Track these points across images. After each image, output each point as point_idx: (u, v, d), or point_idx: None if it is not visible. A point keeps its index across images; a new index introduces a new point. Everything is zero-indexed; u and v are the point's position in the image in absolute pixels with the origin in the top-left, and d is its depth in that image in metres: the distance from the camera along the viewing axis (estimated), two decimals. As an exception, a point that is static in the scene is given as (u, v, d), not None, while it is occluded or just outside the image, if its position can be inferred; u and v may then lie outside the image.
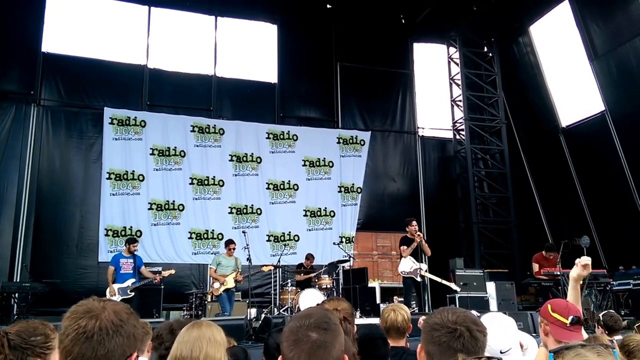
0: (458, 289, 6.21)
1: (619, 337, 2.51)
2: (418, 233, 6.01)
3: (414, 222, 6.07)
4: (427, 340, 1.12)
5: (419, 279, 5.89)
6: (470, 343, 1.07)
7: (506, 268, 8.84)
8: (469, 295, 7.38)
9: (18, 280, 7.08)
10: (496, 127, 10.12)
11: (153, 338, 1.75)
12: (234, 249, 6.48)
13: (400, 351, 2.13)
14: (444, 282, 6.10)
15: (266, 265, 6.78)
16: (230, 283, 6.32)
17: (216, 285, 6.37)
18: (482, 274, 7.82)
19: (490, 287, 7.82)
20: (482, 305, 7.17)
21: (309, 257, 7.43)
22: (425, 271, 6.02)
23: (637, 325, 2.51)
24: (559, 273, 5.99)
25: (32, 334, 1.17)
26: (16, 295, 6.58)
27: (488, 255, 9.61)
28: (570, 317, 1.77)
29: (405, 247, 6.04)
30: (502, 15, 9.92)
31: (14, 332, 1.17)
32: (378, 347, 1.88)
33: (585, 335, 1.96)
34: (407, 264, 5.98)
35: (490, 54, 10.34)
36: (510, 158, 9.91)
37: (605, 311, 3.31)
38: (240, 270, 6.42)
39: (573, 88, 9.21)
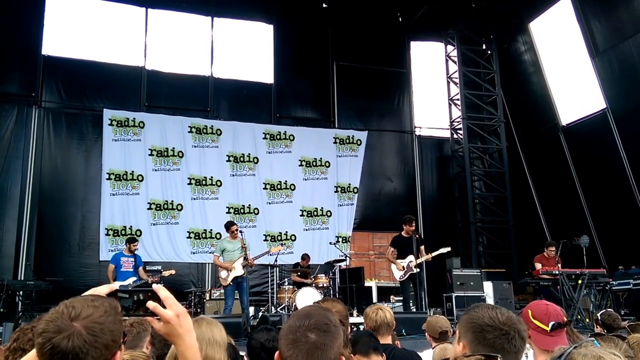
0: (447, 249, 5.98)
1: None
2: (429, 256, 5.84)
3: (413, 223, 5.97)
4: (476, 340, 1.09)
5: (415, 270, 5.83)
6: (520, 344, 1.08)
7: (504, 268, 8.83)
8: (466, 294, 7.41)
9: (22, 278, 7.24)
10: (494, 125, 10.04)
11: (152, 335, 1.75)
12: (237, 230, 5.65)
13: (389, 348, 2.19)
14: (434, 253, 5.89)
15: (274, 247, 6.54)
16: (238, 270, 5.46)
17: (223, 274, 5.51)
18: (479, 273, 7.83)
19: (488, 286, 7.84)
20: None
21: (305, 257, 7.50)
22: (417, 263, 5.87)
23: (629, 324, 2.51)
24: (557, 272, 5.97)
25: None
26: (20, 293, 6.74)
27: (486, 255, 9.60)
28: (551, 324, 1.63)
29: (393, 250, 5.97)
30: (501, 13, 9.79)
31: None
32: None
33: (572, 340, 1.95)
34: (397, 270, 5.97)
35: (489, 52, 10.23)
36: (508, 157, 9.84)
37: (604, 310, 3.28)
38: (249, 252, 5.58)
39: (573, 86, 9.09)
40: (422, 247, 5.97)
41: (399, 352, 2.15)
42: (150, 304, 0.92)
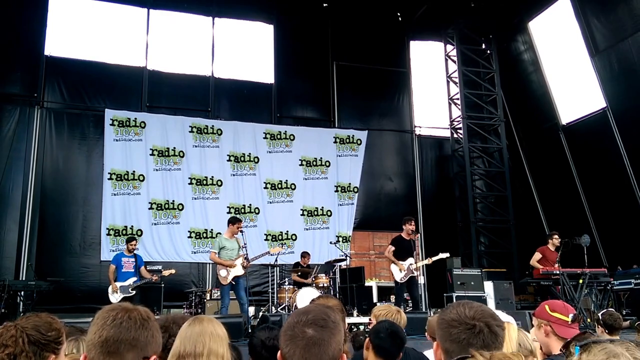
0: (447, 255, 6.10)
1: (617, 337, 2.51)
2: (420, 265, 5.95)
3: (412, 222, 6.03)
4: (444, 337, 1.06)
5: (415, 273, 5.90)
6: (490, 339, 1.02)
7: (505, 267, 8.82)
8: (467, 294, 7.38)
9: (24, 278, 7.25)
10: (494, 125, 10.05)
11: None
12: (240, 227, 5.48)
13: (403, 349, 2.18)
14: (433, 258, 6.00)
15: (274, 248, 6.47)
16: (239, 269, 5.32)
17: (223, 272, 5.32)
18: (479, 273, 7.82)
19: (488, 286, 7.82)
20: (480, 305, 7.17)
21: (305, 254, 7.49)
22: (415, 265, 5.94)
23: (637, 324, 2.51)
24: (558, 272, 5.96)
25: (49, 329, 1.15)
26: (22, 293, 6.76)
27: (486, 255, 9.59)
28: (571, 315, 1.88)
29: (392, 248, 6.01)
30: (500, 12, 9.82)
31: (30, 327, 1.15)
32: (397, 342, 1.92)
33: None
34: (398, 271, 6.00)
35: (489, 51, 10.24)
36: (509, 156, 9.85)
37: (605, 310, 3.29)
38: (246, 253, 5.46)
39: (573, 85, 9.10)
40: (415, 253, 6.03)
41: (413, 354, 2.13)
42: None
